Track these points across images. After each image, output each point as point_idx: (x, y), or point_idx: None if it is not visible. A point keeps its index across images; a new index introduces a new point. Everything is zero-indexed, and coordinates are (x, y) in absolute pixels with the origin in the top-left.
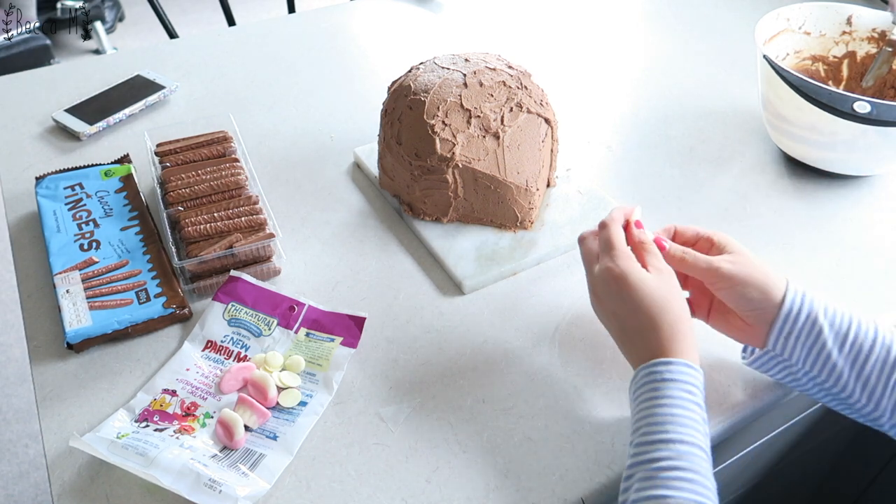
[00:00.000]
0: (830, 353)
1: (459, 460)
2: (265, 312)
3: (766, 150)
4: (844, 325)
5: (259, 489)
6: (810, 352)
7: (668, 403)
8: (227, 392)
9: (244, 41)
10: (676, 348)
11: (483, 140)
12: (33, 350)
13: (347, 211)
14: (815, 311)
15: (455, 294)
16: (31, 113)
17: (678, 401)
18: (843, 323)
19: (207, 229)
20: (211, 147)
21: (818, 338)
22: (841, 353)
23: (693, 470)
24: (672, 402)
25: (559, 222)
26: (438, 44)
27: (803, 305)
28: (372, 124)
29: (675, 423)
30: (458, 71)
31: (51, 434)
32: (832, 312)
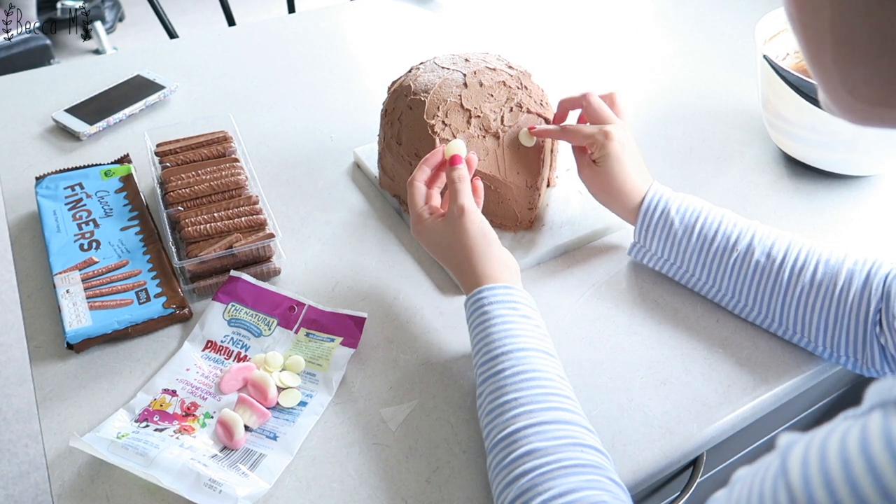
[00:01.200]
0: (681, 241)
1: (459, 460)
2: (265, 312)
3: (766, 150)
4: (692, 218)
5: (259, 489)
6: (665, 241)
7: (497, 322)
8: (227, 392)
9: (244, 41)
10: (491, 273)
11: (483, 140)
12: (33, 350)
13: (347, 211)
14: (668, 207)
15: (455, 294)
16: (31, 113)
17: (505, 317)
18: (691, 217)
19: (207, 229)
20: (211, 147)
21: (670, 229)
22: (689, 242)
23: (534, 370)
24: (500, 319)
25: (559, 222)
26: (438, 44)
27: (659, 203)
28: (372, 124)
29: (508, 335)
30: (458, 71)
31: (51, 434)
32: (684, 208)
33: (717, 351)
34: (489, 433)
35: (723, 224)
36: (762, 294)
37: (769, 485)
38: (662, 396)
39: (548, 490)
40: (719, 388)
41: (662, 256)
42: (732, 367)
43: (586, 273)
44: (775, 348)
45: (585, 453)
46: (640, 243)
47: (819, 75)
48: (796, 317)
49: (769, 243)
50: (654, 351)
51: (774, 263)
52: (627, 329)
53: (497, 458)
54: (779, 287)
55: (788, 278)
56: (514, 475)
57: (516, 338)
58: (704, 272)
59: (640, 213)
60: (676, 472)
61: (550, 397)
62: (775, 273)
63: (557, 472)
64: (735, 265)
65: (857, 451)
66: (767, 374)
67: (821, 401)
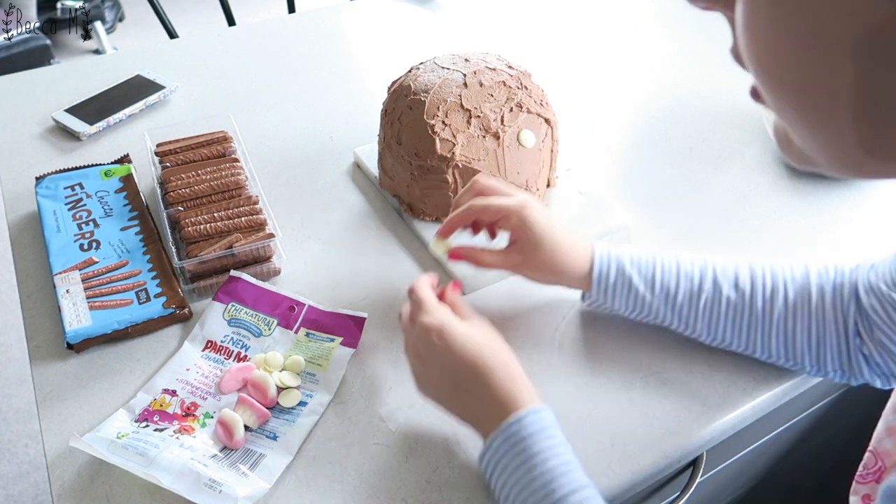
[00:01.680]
0: (644, 296)
1: (459, 460)
2: (265, 312)
3: (766, 150)
4: (650, 269)
5: (259, 489)
6: (628, 299)
7: (541, 460)
8: (226, 392)
9: (244, 41)
10: (518, 394)
11: (483, 140)
12: (33, 350)
13: (347, 211)
14: (622, 265)
15: None
16: (31, 113)
17: (547, 452)
18: (648, 268)
19: (207, 229)
20: (211, 147)
21: (630, 287)
22: (653, 294)
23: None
24: (542, 456)
25: None
26: (438, 44)
27: (611, 264)
28: (372, 124)
29: (557, 476)
30: (458, 71)
31: (51, 434)
32: (637, 261)
33: (717, 351)
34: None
35: (681, 268)
36: (739, 328)
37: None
38: (662, 396)
39: None
40: (719, 388)
41: (627, 310)
42: (732, 367)
43: None
44: None
45: None
46: (598, 301)
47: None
48: (778, 343)
49: (732, 276)
50: (654, 351)
51: (745, 295)
52: (627, 329)
53: None
54: (755, 318)
55: (762, 307)
56: None
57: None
58: (675, 318)
59: (593, 279)
60: (676, 472)
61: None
62: (748, 305)
63: None
64: (706, 307)
65: None
66: (767, 374)
67: (821, 401)
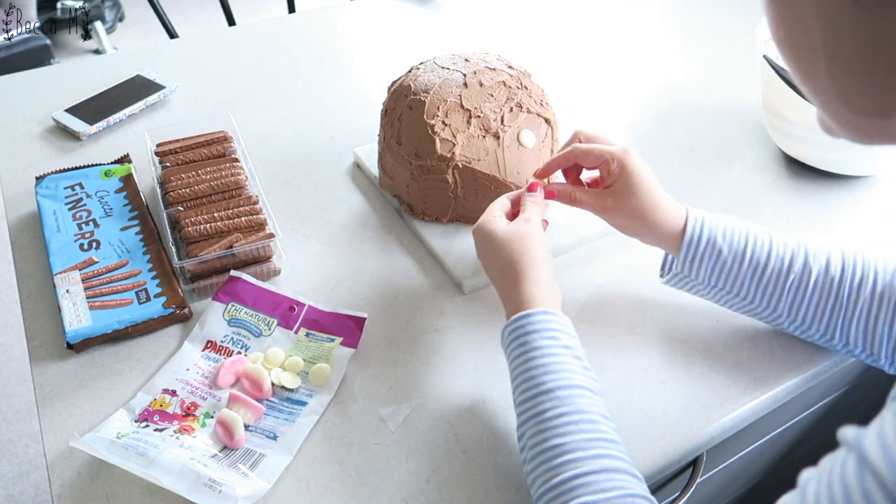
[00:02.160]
0: (731, 269)
1: (459, 460)
2: (265, 312)
3: (766, 150)
4: (741, 243)
5: (259, 489)
6: (713, 270)
7: (538, 355)
8: (223, 386)
9: (244, 41)
10: (535, 296)
11: (483, 140)
12: (33, 350)
13: (347, 211)
14: (714, 234)
15: (455, 294)
16: (31, 113)
17: (545, 349)
18: (740, 241)
19: (207, 229)
20: (211, 147)
21: (719, 258)
22: (741, 269)
23: (578, 411)
24: (540, 352)
25: (559, 222)
26: (438, 44)
27: (703, 231)
28: (372, 124)
29: (549, 371)
30: (458, 71)
31: (51, 434)
32: (730, 233)
33: (717, 351)
34: (534, 480)
35: (774, 246)
36: (822, 312)
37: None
38: (662, 396)
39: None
40: (719, 388)
41: (710, 284)
42: (732, 367)
43: (586, 273)
44: (775, 348)
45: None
46: (682, 273)
47: (815, 94)
48: (857, 332)
49: (824, 260)
50: (654, 351)
51: (833, 281)
52: (627, 329)
53: None
54: (839, 304)
55: (848, 295)
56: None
57: (557, 374)
58: (759, 297)
59: (683, 243)
60: (676, 472)
61: (596, 443)
62: (835, 291)
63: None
64: (792, 288)
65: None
66: (767, 374)
67: (821, 401)
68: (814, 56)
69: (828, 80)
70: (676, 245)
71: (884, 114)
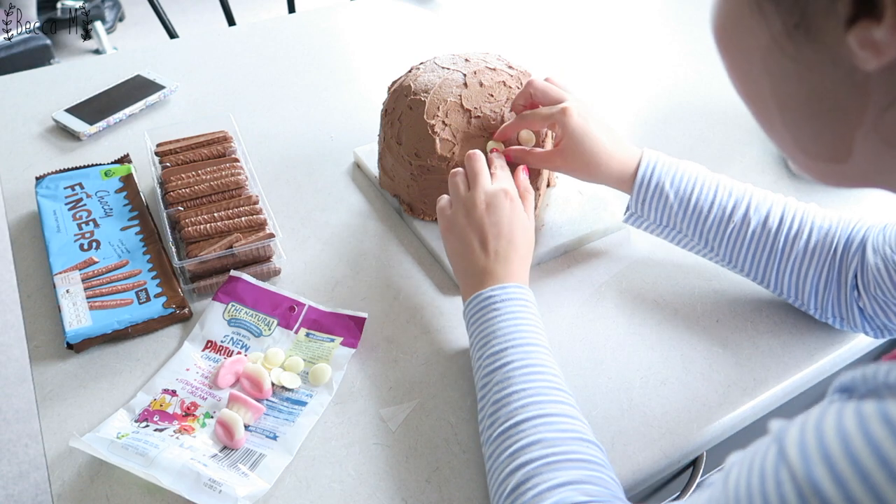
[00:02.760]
0: (677, 213)
1: (459, 460)
2: (265, 312)
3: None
4: (688, 189)
5: (259, 489)
6: (661, 212)
7: (511, 317)
8: (223, 386)
9: (244, 41)
10: (517, 273)
11: (483, 140)
12: (33, 350)
13: (347, 211)
14: (662, 180)
15: (455, 294)
16: (31, 113)
17: (518, 313)
18: (686, 188)
19: (207, 229)
20: (211, 147)
21: (666, 201)
22: (685, 214)
23: (541, 364)
24: (513, 315)
25: (559, 222)
26: (438, 44)
27: (653, 176)
28: (372, 124)
29: (517, 329)
30: (458, 71)
31: (51, 434)
32: (678, 179)
33: (717, 351)
34: (493, 423)
35: (718, 194)
36: (758, 260)
37: (770, 468)
38: (662, 396)
39: (551, 479)
40: (719, 388)
41: (658, 223)
42: (732, 367)
43: (586, 273)
44: (775, 348)
45: (590, 449)
46: (635, 213)
47: (775, 141)
48: (790, 282)
49: (764, 211)
50: (654, 351)
51: (770, 232)
52: (627, 329)
53: (501, 447)
54: (774, 254)
55: (783, 246)
56: (519, 463)
57: (524, 333)
58: (701, 240)
59: (634, 185)
60: (676, 472)
61: (556, 392)
62: (771, 241)
63: (562, 463)
64: (731, 235)
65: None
66: (767, 374)
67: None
68: (766, 105)
69: (783, 129)
70: (628, 186)
71: (837, 159)
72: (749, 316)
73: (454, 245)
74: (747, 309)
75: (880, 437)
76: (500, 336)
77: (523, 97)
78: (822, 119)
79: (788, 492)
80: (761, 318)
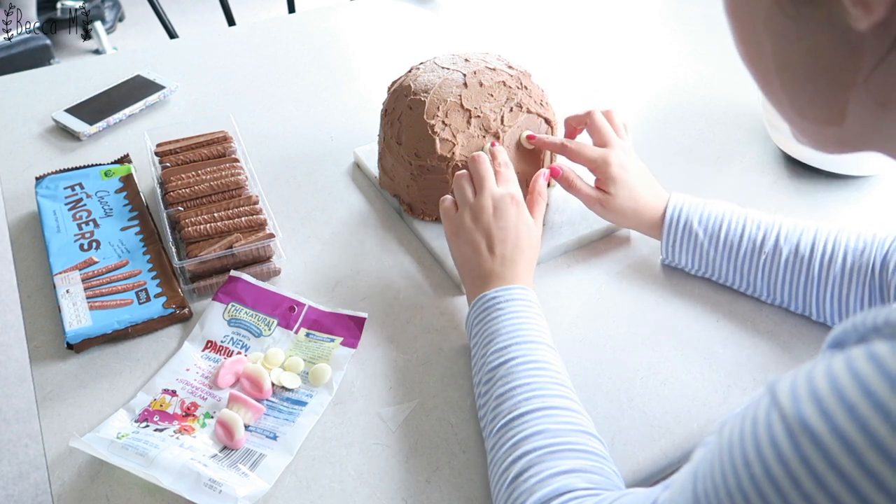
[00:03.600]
0: (708, 251)
1: (459, 460)
2: (265, 312)
3: (766, 150)
4: (716, 226)
5: (259, 489)
6: (693, 254)
7: (514, 316)
8: (223, 386)
9: (244, 41)
10: (522, 276)
11: (483, 140)
12: (33, 350)
13: (347, 211)
14: (690, 219)
15: (455, 294)
16: (31, 113)
17: (521, 312)
18: (714, 225)
19: (207, 229)
20: (211, 147)
21: (696, 241)
22: (716, 251)
23: (545, 360)
24: (517, 314)
25: (559, 222)
26: (438, 44)
27: (680, 217)
28: (372, 124)
29: (523, 328)
30: (458, 71)
31: (51, 434)
32: (706, 217)
33: (717, 351)
34: (495, 416)
35: (747, 227)
36: (796, 289)
37: (762, 414)
38: (662, 396)
39: (553, 467)
40: (719, 388)
41: (692, 267)
42: (732, 367)
43: (586, 273)
44: (775, 348)
45: (592, 441)
46: (668, 258)
47: (774, 104)
48: (832, 307)
49: (795, 239)
50: (654, 351)
51: (804, 259)
52: (627, 329)
53: (503, 438)
54: (811, 280)
55: (819, 272)
56: (520, 452)
57: (527, 331)
58: (736, 276)
59: (663, 229)
60: (676, 472)
61: (559, 387)
62: (805, 268)
63: (564, 452)
64: (765, 266)
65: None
66: (767, 374)
67: None
68: (766, 68)
69: (781, 90)
70: (658, 231)
71: (833, 122)
72: (749, 316)
73: (461, 249)
74: (747, 309)
75: (866, 372)
76: (503, 334)
77: (577, 121)
78: (817, 80)
79: (778, 432)
80: (761, 318)
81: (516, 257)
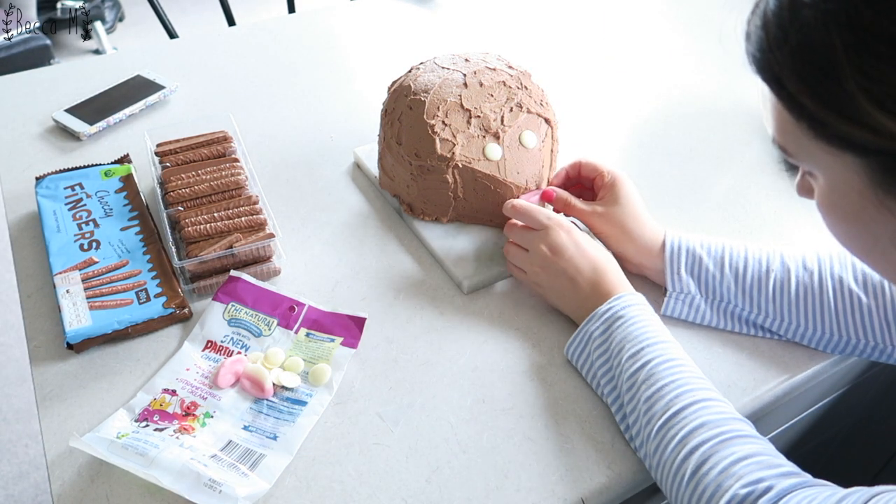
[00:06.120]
0: (715, 276)
1: (459, 460)
2: (265, 312)
3: (766, 150)
4: (719, 251)
5: (259, 489)
6: (700, 279)
7: (636, 320)
8: (223, 386)
9: (244, 41)
10: (619, 283)
11: (483, 140)
12: (33, 350)
13: (347, 211)
14: (693, 245)
15: (455, 294)
16: (31, 113)
17: (640, 316)
18: (716, 249)
19: (207, 229)
20: (211, 147)
21: (701, 266)
22: (723, 275)
23: (679, 357)
24: (637, 318)
25: None
26: (438, 44)
27: (682, 245)
28: (372, 124)
29: (648, 329)
30: (458, 71)
31: (51, 434)
32: (707, 244)
33: (717, 351)
34: (650, 419)
35: (749, 251)
36: (810, 310)
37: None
38: None
39: (730, 455)
40: (719, 388)
41: (700, 295)
42: (732, 367)
43: None
44: (775, 348)
45: (747, 426)
46: (675, 290)
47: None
48: (856, 325)
49: (800, 259)
50: None
51: (814, 277)
52: None
53: (666, 437)
54: (826, 300)
55: (833, 289)
56: (692, 447)
57: (654, 331)
58: (745, 300)
59: (666, 257)
60: None
61: (700, 380)
62: (818, 286)
63: (734, 440)
64: (775, 287)
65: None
66: (767, 374)
67: (821, 401)
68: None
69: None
70: (658, 260)
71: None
72: None
73: (552, 298)
74: None
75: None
76: (631, 339)
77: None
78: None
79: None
80: None
81: (601, 273)
